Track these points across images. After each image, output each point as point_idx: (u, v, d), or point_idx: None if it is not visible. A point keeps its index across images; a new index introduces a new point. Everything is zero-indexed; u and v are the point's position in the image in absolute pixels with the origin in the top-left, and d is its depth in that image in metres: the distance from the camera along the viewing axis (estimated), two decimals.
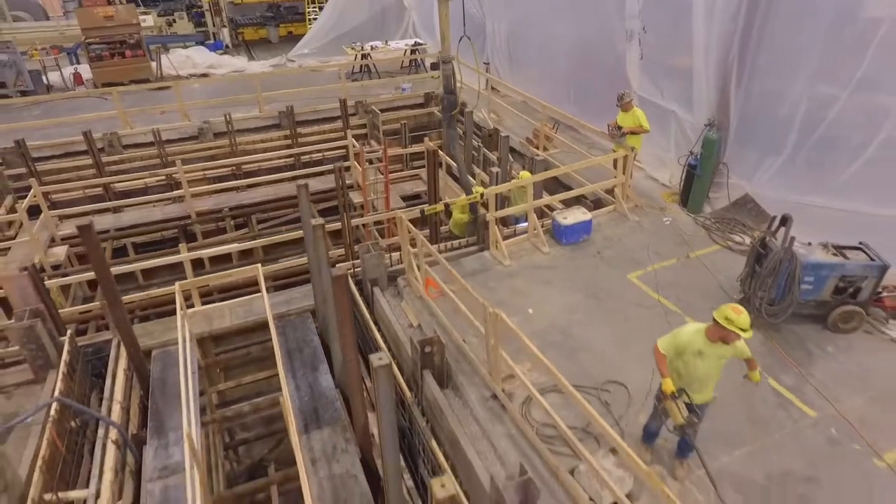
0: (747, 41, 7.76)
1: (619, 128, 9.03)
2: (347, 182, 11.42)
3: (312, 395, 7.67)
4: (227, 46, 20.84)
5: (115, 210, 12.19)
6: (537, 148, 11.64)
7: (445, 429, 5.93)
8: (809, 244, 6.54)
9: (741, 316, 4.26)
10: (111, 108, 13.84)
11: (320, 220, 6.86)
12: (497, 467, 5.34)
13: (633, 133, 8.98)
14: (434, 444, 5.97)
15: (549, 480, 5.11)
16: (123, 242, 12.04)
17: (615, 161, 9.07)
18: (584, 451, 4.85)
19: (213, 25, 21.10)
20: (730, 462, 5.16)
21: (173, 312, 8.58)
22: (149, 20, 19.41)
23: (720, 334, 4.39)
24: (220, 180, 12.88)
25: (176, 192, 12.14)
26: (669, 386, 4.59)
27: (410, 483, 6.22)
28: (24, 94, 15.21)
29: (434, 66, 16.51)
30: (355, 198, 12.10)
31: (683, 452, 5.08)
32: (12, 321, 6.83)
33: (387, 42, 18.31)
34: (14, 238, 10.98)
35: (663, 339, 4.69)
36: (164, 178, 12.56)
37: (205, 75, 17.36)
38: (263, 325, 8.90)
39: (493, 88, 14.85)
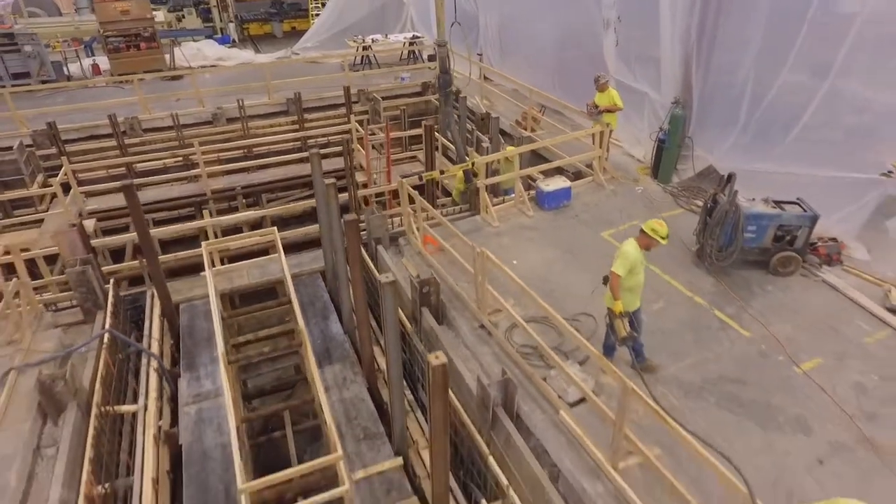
0: (703, 29, 8.86)
1: (597, 106, 10.09)
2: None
3: (324, 339, 8.72)
4: (234, 41, 21.88)
5: (137, 188, 13.17)
6: (525, 129, 12.69)
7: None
8: (753, 199, 7.60)
9: (663, 227, 5.38)
10: (127, 95, 14.85)
11: (331, 180, 7.92)
12: (483, 378, 6.38)
13: (608, 111, 10.05)
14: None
15: (525, 384, 6.18)
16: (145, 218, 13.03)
17: (593, 136, 10.13)
18: (557, 359, 5.90)
19: (221, 21, 22.15)
20: (676, 370, 6.22)
21: (194, 275, 9.71)
22: (160, 15, 20.41)
23: (646, 242, 5.49)
24: (233, 162, 13.90)
25: (193, 172, 13.17)
26: (620, 307, 5.65)
27: (410, 397, 7.25)
28: (45, 83, 16.20)
29: (431, 58, 17.56)
30: (359, 177, 13.13)
31: (641, 359, 6.14)
32: (66, 270, 7.89)
33: (387, 35, 19.37)
34: (46, 211, 12.01)
35: (617, 265, 5.68)
36: (181, 158, 13.57)
37: (214, 67, 18.39)
38: (277, 284, 10.02)
39: (485, 77, 15.90)
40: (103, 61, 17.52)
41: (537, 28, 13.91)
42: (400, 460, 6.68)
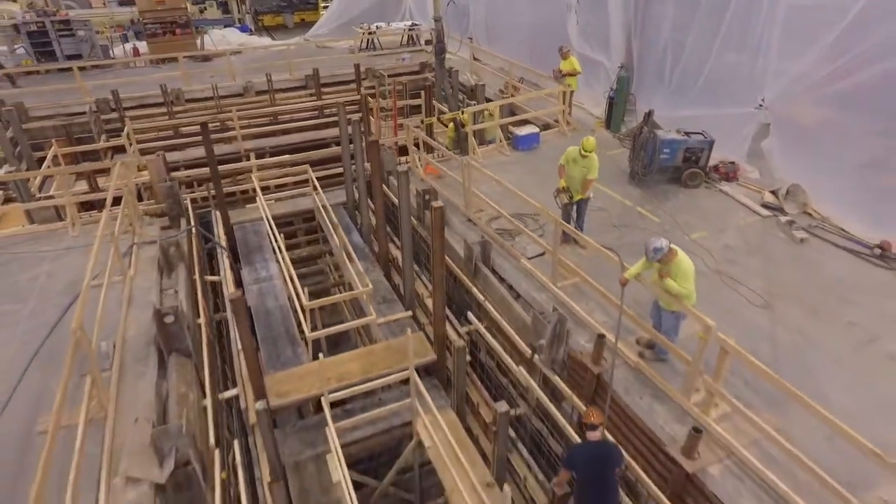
0: (637, 8, 11.56)
1: (561, 71, 12.75)
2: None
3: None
4: (251, 30, 24.45)
5: (182, 147, 15.73)
6: (506, 96, 15.34)
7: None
8: (669, 130, 10.26)
9: (586, 142, 7.98)
10: (163, 72, 17.39)
11: (355, 117, 10.54)
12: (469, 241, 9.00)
13: (570, 74, 12.71)
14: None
15: (498, 249, 8.81)
16: (189, 173, 15.57)
17: (559, 95, 12.79)
18: (525, 229, 8.52)
19: (239, 12, 24.69)
20: (604, 240, 8.79)
21: (236, 208, 12.41)
22: None
23: (580, 149, 8.14)
24: (261, 127, 16.46)
25: (229, 134, 15.70)
26: (562, 183, 8.31)
27: (417, 269, 9.86)
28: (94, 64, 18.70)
29: (428, 42, 20.19)
30: None
31: (581, 228, 8.80)
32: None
33: (389, 23, 22.00)
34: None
35: (562, 157, 8.38)
36: (219, 123, 16.11)
37: (238, 52, 20.95)
38: (307, 214, 12.69)
39: (475, 58, 18.55)
40: (141, 45, 20.03)
41: (516, 13, 16.59)
42: (409, 313, 9.31)
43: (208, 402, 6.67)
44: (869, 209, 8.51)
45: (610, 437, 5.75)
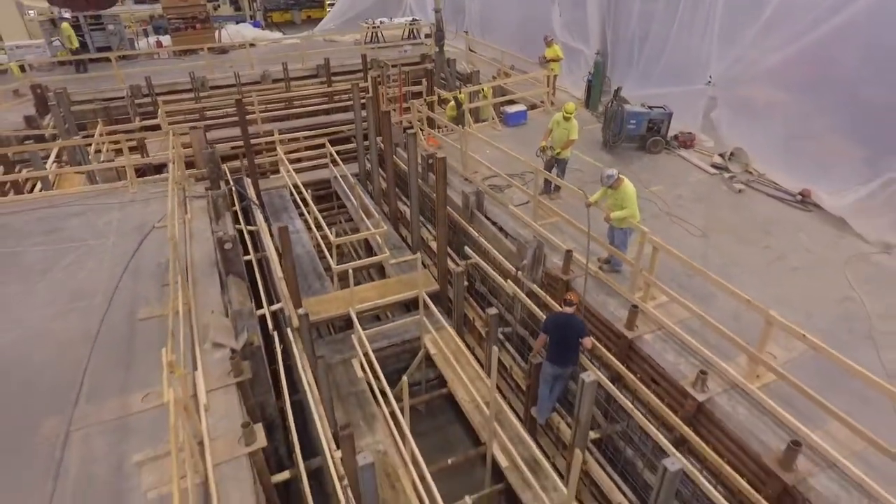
0: (610, 3, 13.43)
1: (545, 57, 14.59)
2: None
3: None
4: (262, 26, 26.21)
5: (208, 129, 17.47)
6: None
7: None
8: (635, 105, 12.10)
9: (568, 105, 9.79)
10: (187, 64, 19.16)
11: (368, 96, 12.33)
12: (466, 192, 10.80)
13: (553, 60, 14.54)
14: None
15: (491, 200, 10.62)
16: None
17: (545, 78, 14.62)
18: (515, 182, 10.33)
19: (250, 9, 26.43)
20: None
21: (265, 177, 14.18)
22: None
23: (565, 115, 9.94)
24: (277, 111, 18.24)
25: (249, 117, 17.44)
26: (543, 143, 10.14)
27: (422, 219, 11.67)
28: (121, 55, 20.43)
29: (427, 36, 22.00)
30: None
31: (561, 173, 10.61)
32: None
33: (391, 18, 23.82)
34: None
35: (550, 122, 10.21)
36: None
37: (252, 45, 22.71)
38: (318, 184, 14.50)
39: (470, 49, 20.37)
40: (164, 39, 21.78)
41: (507, 8, 18.45)
42: (418, 255, 11.10)
43: (265, 310, 8.48)
44: (795, 165, 10.36)
45: None
